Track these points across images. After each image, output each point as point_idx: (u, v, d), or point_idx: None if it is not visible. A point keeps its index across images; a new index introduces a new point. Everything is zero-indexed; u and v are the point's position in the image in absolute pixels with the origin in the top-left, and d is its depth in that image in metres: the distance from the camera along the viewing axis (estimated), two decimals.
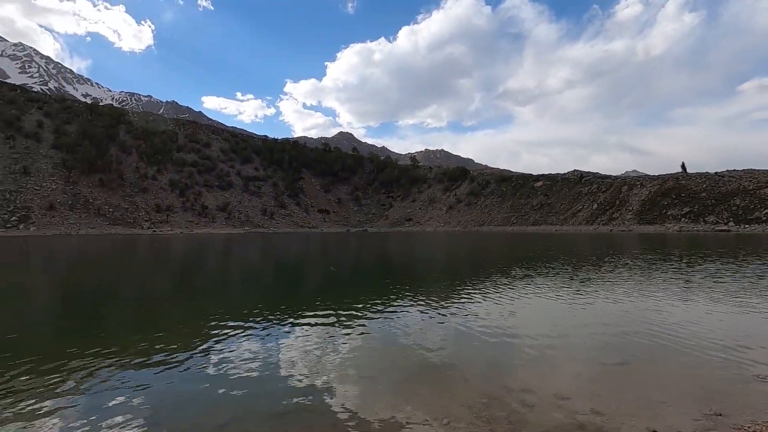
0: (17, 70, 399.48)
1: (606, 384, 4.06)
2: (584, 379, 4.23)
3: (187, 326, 6.66)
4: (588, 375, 4.34)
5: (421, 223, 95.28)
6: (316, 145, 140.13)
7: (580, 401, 3.59)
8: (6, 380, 4.18)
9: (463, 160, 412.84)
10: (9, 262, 19.24)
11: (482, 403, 3.57)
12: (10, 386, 4.03)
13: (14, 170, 68.07)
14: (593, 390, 3.87)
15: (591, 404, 3.52)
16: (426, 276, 13.95)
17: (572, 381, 4.15)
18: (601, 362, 4.67)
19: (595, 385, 4.04)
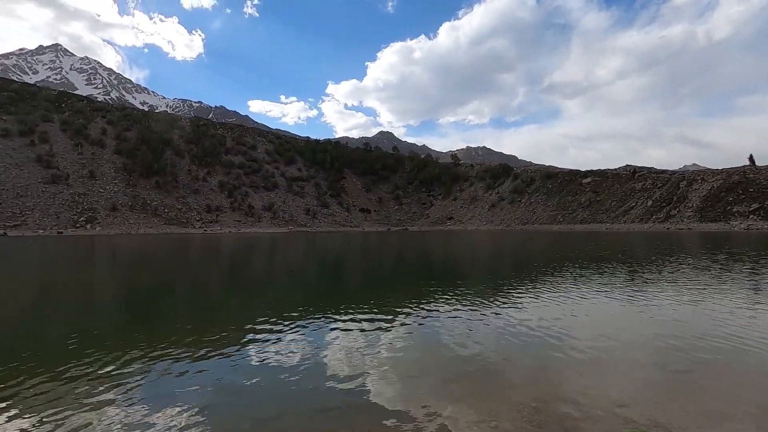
0: (84, 82, 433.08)
1: (666, 392, 3.79)
2: (642, 385, 3.97)
3: (235, 321, 6.91)
4: (646, 382, 4.07)
5: (463, 221, 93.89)
6: (357, 145, 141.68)
7: (638, 409, 3.38)
8: (70, 368, 4.52)
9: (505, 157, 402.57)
10: (80, 259, 20.87)
11: (532, 407, 3.44)
12: (74, 374, 4.35)
13: (82, 174, 73.85)
14: (652, 398, 3.63)
15: (650, 413, 3.30)
16: (468, 275, 13.71)
17: (629, 387, 3.91)
18: (661, 369, 4.37)
19: (655, 392, 3.78)
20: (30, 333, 6.32)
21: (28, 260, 19.91)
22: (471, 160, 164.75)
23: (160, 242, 36.52)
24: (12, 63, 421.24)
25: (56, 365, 4.59)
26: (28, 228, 58.47)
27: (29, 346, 5.53)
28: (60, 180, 70.09)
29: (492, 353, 4.93)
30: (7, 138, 73.59)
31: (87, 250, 27.12)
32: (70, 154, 77.06)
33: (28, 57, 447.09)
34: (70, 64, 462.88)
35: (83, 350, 5.14)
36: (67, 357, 4.89)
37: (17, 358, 4.90)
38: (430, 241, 36.73)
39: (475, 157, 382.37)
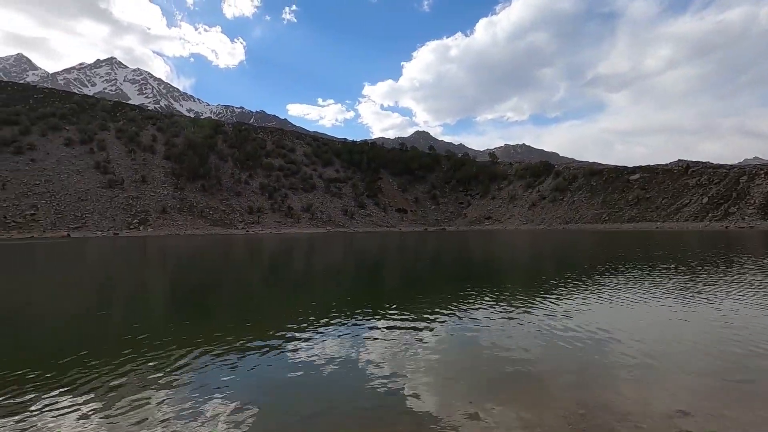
0: (136, 92, 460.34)
1: (725, 403, 3.54)
2: (699, 395, 3.74)
3: (277, 319, 7.12)
4: (704, 391, 3.83)
5: (502, 221, 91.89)
6: (393, 146, 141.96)
7: (694, 420, 3.18)
8: (125, 360, 4.83)
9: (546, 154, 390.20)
10: (137, 259, 22.19)
11: (579, 414, 3.32)
12: (126, 368, 4.64)
13: (135, 179, 78.52)
14: (710, 408, 3.41)
15: (708, 424, 3.10)
16: (508, 276, 13.41)
17: (684, 396, 3.69)
18: (720, 377, 4.10)
19: (713, 403, 3.55)
20: (93, 326, 6.80)
21: (93, 259, 21.42)
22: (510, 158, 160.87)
23: (206, 243, 38.18)
24: (73, 77, 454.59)
25: (114, 357, 4.92)
26: (88, 230, 62.88)
27: (93, 338, 5.96)
28: (116, 185, 74.88)
29: (534, 356, 4.81)
30: (70, 146, 79.53)
31: (142, 250, 28.79)
32: (124, 160, 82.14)
33: (87, 71, 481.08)
34: (124, 76, 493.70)
35: (138, 344, 5.47)
36: (123, 349, 5.22)
37: (82, 348, 5.29)
38: (468, 241, 36.23)
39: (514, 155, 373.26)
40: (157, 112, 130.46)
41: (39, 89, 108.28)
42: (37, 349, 5.58)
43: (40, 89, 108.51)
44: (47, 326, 7.07)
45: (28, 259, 21.81)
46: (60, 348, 5.58)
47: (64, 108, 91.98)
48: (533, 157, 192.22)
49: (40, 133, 79.24)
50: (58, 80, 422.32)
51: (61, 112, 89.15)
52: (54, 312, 8.25)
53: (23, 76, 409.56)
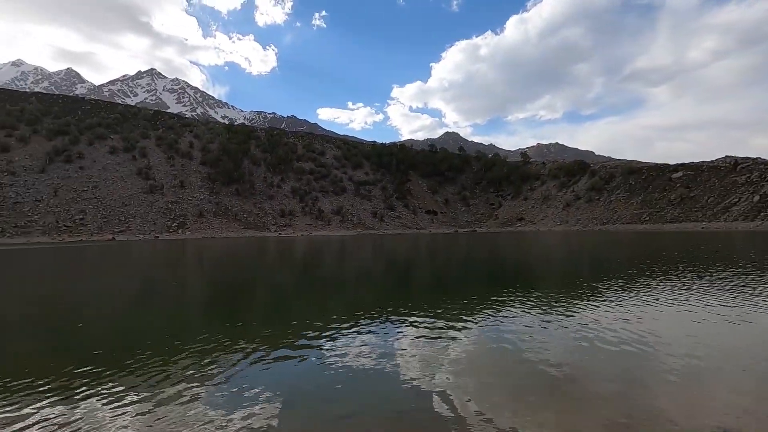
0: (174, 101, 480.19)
1: None
2: (753, 403, 3.49)
3: (309, 320, 7.19)
4: (758, 398, 3.57)
5: (534, 222, 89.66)
6: (422, 147, 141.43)
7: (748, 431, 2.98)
8: (161, 360, 5.01)
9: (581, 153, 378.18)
10: (178, 260, 23.09)
11: (622, 424, 3.17)
12: (165, 366, 4.81)
13: (174, 184, 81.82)
14: (766, 418, 3.18)
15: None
16: (542, 278, 13.03)
17: (737, 404, 3.46)
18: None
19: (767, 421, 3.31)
20: (134, 324, 7.12)
21: (139, 260, 22.46)
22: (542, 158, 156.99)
23: (240, 245, 39.24)
24: (117, 88, 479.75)
25: (154, 354, 5.12)
26: (131, 233, 65.99)
27: (137, 335, 6.23)
28: (156, 190, 78.28)
29: (572, 361, 4.64)
30: (114, 154, 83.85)
31: (181, 252, 29.93)
32: (163, 166, 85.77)
33: (129, 82, 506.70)
34: (163, 86, 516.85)
35: (176, 341, 5.68)
36: (163, 346, 5.43)
37: (127, 345, 5.54)
38: (499, 243, 35.55)
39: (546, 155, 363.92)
40: (194, 119, 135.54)
41: (86, 101, 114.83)
42: (85, 345, 5.88)
43: (87, 101, 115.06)
44: (96, 322, 7.45)
45: (82, 261, 23.09)
46: (106, 344, 5.86)
47: (109, 118, 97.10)
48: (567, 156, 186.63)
49: (87, 142, 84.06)
50: (103, 92, 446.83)
51: (107, 122, 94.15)
52: (103, 310, 8.69)
53: (72, 89, 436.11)
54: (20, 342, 6.37)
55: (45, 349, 5.80)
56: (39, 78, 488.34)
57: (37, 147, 78.40)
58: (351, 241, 45.66)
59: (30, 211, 65.15)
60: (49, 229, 62.79)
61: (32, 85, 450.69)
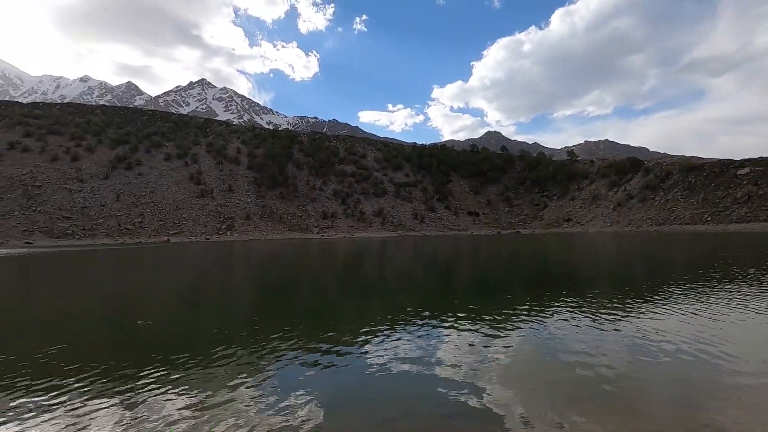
0: (223, 109, 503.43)
1: None
2: None
3: (352, 320, 7.28)
4: None
5: (582, 223, 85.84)
6: (463, 148, 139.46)
7: None
8: (210, 356, 5.23)
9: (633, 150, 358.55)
10: (230, 261, 24.16)
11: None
12: (213, 362, 5.02)
13: (223, 188, 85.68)
14: None
15: None
16: (592, 281, 12.43)
17: None
18: None
19: None
20: (186, 321, 7.51)
21: (193, 260, 23.73)
22: (591, 156, 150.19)
23: (285, 246, 40.40)
24: (171, 99, 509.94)
25: (203, 349, 5.37)
26: (184, 235, 69.75)
27: (185, 332, 6.58)
28: (207, 194, 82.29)
29: (626, 369, 4.40)
30: (169, 161, 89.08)
31: (230, 253, 31.27)
32: (213, 171, 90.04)
33: (182, 92, 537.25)
34: (212, 95, 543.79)
35: (225, 338, 5.92)
36: (212, 343, 5.68)
37: (174, 342, 5.86)
38: (545, 244, 34.35)
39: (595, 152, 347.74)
40: (241, 126, 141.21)
41: (144, 112, 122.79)
42: (143, 340, 6.27)
43: (145, 112, 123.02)
44: (153, 318, 7.94)
45: (142, 261, 24.70)
46: (161, 340, 6.23)
47: (164, 127, 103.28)
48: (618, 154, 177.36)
49: (145, 150, 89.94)
50: (159, 102, 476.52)
51: (162, 130, 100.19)
52: (159, 307, 9.25)
53: (132, 101, 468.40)
54: (88, 335, 6.90)
55: (108, 343, 6.24)
56: (103, 92, 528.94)
57: (102, 156, 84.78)
58: (391, 242, 45.78)
59: (96, 215, 70.50)
60: (112, 231, 67.65)
61: (97, 98, 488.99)
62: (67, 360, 5.21)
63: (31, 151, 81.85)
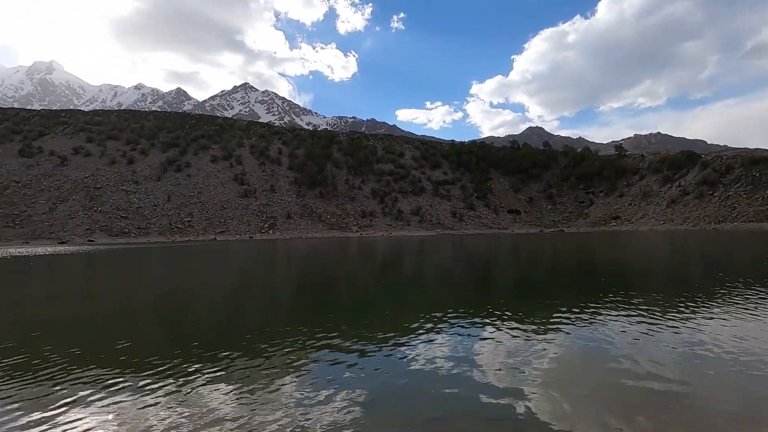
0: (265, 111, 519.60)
1: None
2: None
3: (391, 319, 7.29)
4: None
5: (632, 221, 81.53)
6: (503, 144, 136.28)
7: None
8: (250, 357, 5.38)
9: (688, 143, 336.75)
10: (269, 258, 24.95)
11: None
12: (256, 358, 5.17)
13: (265, 188, 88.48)
14: None
15: None
16: (644, 283, 11.75)
17: None
18: None
19: None
20: (231, 316, 7.81)
21: (240, 258, 24.71)
22: (641, 150, 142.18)
23: (324, 244, 41.13)
24: (216, 103, 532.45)
25: (243, 347, 5.55)
26: (229, 234, 72.66)
27: (230, 327, 6.83)
28: (250, 194, 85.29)
29: (681, 378, 4.13)
30: (215, 162, 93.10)
31: (272, 251, 32.25)
32: (256, 172, 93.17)
33: (226, 96, 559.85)
34: (255, 98, 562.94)
35: (267, 334, 6.10)
36: (253, 340, 5.87)
37: (219, 336, 6.10)
38: (592, 244, 32.92)
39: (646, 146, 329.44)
40: (282, 127, 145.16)
41: (192, 116, 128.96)
42: (192, 333, 6.58)
43: (193, 116, 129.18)
44: (203, 312, 8.33)
45: (193, 258, 25.99)
46: (208, 333, 6.51)
47: (210, 130, 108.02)
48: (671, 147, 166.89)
49: (193, 152, 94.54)
50: (206, 107, 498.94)
51: (208, 133, 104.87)
52: (208, 302, 9.69)
53: (181, 107, 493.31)
54: (144, 328, 7.34)
55: (162, 336, 6.61)
56: (155, 98, 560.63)
57: (154, 158, 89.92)
58: (430, 241, 45.48)
59: (149, 215, 74.89)
60: (164, 230, 71.59)
61: (150, 104, 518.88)
62: (124, 352, 5.57)
63: (93, 156, 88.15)
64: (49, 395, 4.10)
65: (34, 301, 10.56)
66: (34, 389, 4.28)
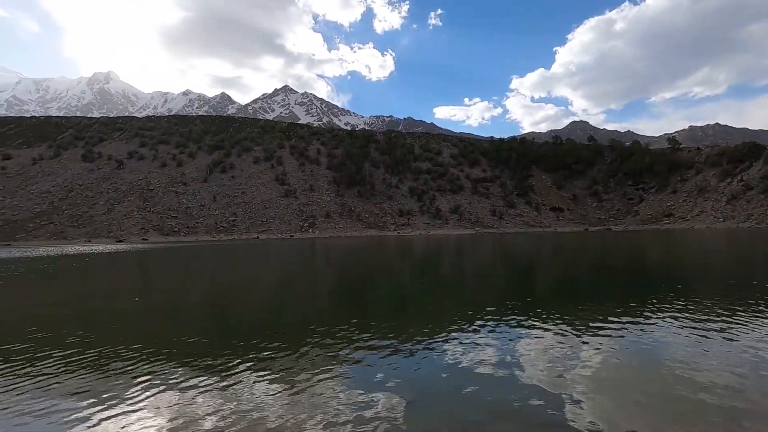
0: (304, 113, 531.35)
1: None
2: None
3: (431, 319, 7.19)
4: None
5: (687, 218, 76.58)
6: (545, 140, 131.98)
7: None
8: (292, 353, 5.48)
9: (751, 134, 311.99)
10: (310, 256, 25.52)
11: None
12: (298, 355, 5.25)
13: (305, 188, 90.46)
14: None
15: None
16: (703, 285, 10.98)
17: None
18: None
19: None
20: (275, 312, 8.03)
21: (280, 257, 25.46)
22: (697, 143, 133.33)
23: (363, 243, 41.49)
24: (258, 106, 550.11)
25: (286, 342, 5.67)
26: (271, 232, 74.87)
27: (274, 322, 7.03)
28: (290, 194, 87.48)
29: (742, 387, 3.82)
30: (258, 163, 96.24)
31: (312, 249, 32.91)
32: (296, 172, 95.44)
33: (267, 99, 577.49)
34: (294, 100, 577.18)
35: (309, 331, 6.20)
36: (295, 336, 5.98)
37: (263, 332, 6.27)
38: (642, 243, 31.20)
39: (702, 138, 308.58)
40: (321, 128, 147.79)
41: (236, 119, 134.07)
42: (236, 328, 6.82)
43: (236, 119, 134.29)
44: (245, 309, 8.62)
45: (239, 256, 27.02)
46: (252, 329, 6.72)
47: (253, 132, 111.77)
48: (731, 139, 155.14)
49: (237, 154, 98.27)
50: (248, 110, 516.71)
51: (251, 136, 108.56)
52: (252, 298, 10.03)
53: (225, 110, 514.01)
54: (193, 322, 7.69)
55: (209, 331, 6.89)
56: (201, 103, 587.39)
57: (201, 161, 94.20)
58: (469, 240, 44.80)
59: (196, 214, 78.55)
60: (210, 229, 74.85)
61: (197, 109, 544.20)
62: (177, 343, 5.86)
63: (146, 159, 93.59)
64: (103, 386, 4.38)
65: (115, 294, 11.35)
66: (91, 380, 4.59)
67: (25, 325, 7.39)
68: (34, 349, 5.75)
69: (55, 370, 4.85)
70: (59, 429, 3.45)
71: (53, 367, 4.98)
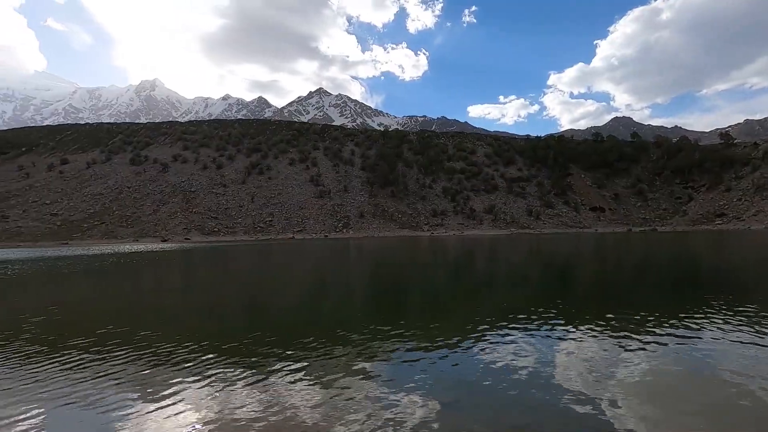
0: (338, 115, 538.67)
1: None
2: None
3: (465, 320, 7.09)
4: None
5: (742, 218, 71.71)
6: (585, 137, 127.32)
7: None
8: (325, 353, 5.56)
9: None
10: (345, 256, 25.86)
11: None
12: (332, 354, 5.33)
13: (339, 189, 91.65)
14: None
15: None
16: (761, 293, 10.26)
17: None
18: None
19: None
20: (309, 311, 8.21)
21: (316, 257, 25.96)
22: (753, 138, 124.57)
23: (396, 244, 41.54)
24: (294, 109, 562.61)
25: (320, 342, 5.78)
26: (306, 233, 76.34)
27: (307, 322, 7.18)
28: (325, 195, 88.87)
29: None
30: (293, 165, 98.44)
31: (346, 249, 33.31)
32: (330, 173, 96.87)
33: (303, 102, 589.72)
34: (328, 102, 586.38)
35: (342, 331, 6.30)
36: (328, 336, 6.09)
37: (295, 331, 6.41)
38: (692, 244, 29.51)
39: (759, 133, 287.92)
40: (355, 129, 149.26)
41: (272, 122, 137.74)
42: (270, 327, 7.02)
43: (273, 122, 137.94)
44: (283, 307, 8.85)
45: (278, 255, 27.78)
46: (285, 328, 6.90)
47: (288, 135, 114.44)
48: None
49: (273, 156, 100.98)
50: (284, 113, 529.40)
51: (287, 138, 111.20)
52: (286, 297, 10.29)
53: (262, 114, 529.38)
54: (233, 320, 7.99)
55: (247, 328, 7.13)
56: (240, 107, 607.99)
57: (239, 163, 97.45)
58: (504, 241, 43.90)
59: (235, 215, 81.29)
60: (248, 229, 77.23)
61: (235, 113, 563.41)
62: (215, 342, 6.11)
63: (188, 162, 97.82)
64: (144, 380, 4.63)
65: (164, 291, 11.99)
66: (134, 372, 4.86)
67: (86, 318, 7.92)
68: (99, 342, 6.16)
69: (106, 362, 5.18)
70: (104, 418, 3.67)
71: (106, 358, 5.32)
